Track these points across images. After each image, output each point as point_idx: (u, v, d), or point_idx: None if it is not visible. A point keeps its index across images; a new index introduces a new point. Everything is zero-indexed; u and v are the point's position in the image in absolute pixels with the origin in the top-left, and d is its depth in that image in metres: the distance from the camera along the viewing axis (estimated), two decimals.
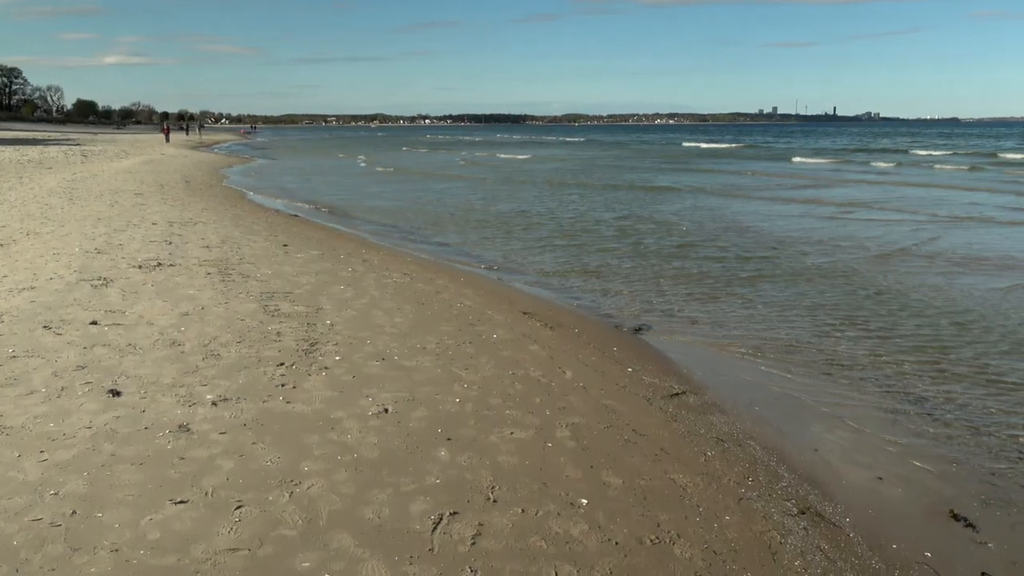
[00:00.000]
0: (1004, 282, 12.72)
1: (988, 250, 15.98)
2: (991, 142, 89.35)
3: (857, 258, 15.05)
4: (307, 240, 15.58)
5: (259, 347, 7.76)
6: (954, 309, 10.88)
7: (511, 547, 4.47)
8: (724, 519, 5.10)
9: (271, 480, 5.08)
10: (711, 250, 16.04)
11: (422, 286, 11.43)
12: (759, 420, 7.09)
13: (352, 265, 12.74)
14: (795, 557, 4.75)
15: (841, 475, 6.05)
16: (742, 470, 5.95)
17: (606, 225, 20.05)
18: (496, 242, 17.38)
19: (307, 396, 6.55)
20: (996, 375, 8.15)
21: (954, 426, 6.92)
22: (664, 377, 8.08)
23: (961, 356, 8.78)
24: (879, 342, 9.36)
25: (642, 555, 4.54)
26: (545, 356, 8.24)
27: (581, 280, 13.13)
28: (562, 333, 9.45)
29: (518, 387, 7.15)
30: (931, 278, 13.04)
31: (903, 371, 8.32)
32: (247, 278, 10.96)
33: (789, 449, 6.49)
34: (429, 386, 6.98)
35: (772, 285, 12.54)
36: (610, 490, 5.29)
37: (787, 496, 5.61)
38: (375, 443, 5.72)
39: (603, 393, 7.27)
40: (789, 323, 10.25)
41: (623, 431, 6.36)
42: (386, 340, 8.31)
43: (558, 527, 4.73)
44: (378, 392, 6.75)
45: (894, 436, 6.74)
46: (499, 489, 5.14)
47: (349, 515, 4.70)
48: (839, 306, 11.10)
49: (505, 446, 5.82)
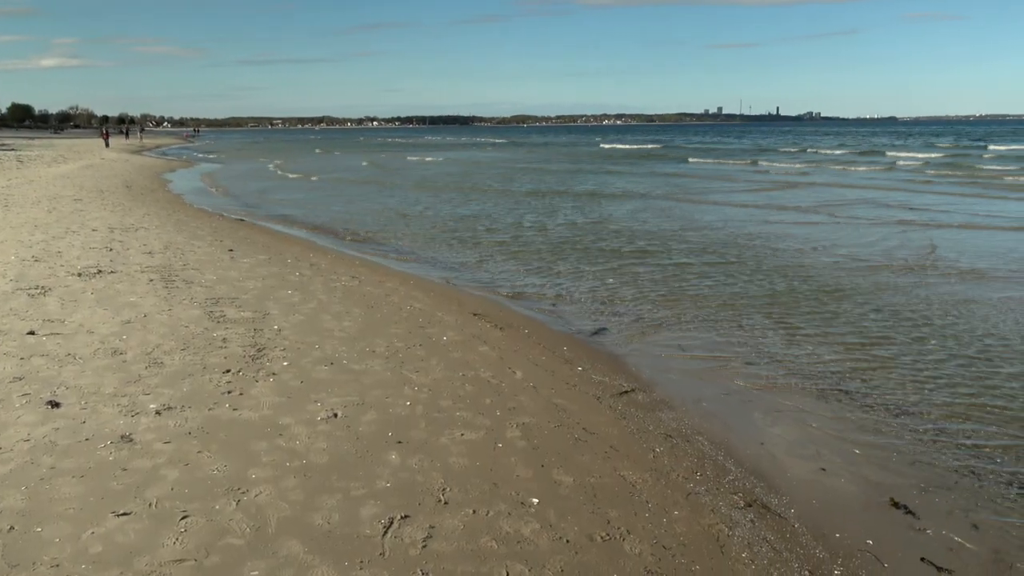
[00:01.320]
0: (912, 278, 13.13)
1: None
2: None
3: (785, 254, 15.39)
4: (253, 244, 15.36)
5: (204, 354, 7.62)
6: (891, 305, 11.19)
7: (462, 548, 4.47)
8: (673, 514, 5.17)
9: (217, 489, 4.99)
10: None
11: (371, 289, 11.36)
12: (707, 416, 7.20)
13: (300, 269, 12.60)
14: (742, 549, 4.84)
15: (786, 467, 6.18)
16: (690, 465, 6.04)
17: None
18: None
19: (254, 403, 6.46)
20: (934, 367, 8.40)
21: (894, 417, 7.11)
22: (613, 375, 8.15)
23: (900, 349, 9.03)
24: (821, 338, 9.57)
25: (593, 552, 4.58)
26: (495, 357, 8.25)
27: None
28: (512, 334, 9.48)
29: (468, 388, 7.15)
30: (861, 276, 13.39)
31: (844, 366, 8.52)
32: (191, 284, 10.76)
33: (736, 443, 6.61)
34: (379, 389, 6.94)
35: (714, 282, 12.75)
36: (561, 488, 5.32)
37: (734, 489, 5.71)
38: (324, 448, 5.66)
39: (553, 392, 7.31)
40: (733, 321, 10.42)
41: (573, 430, 6.40)
42: (335, 344, 8.23)
43: (509, 527, 4.74)
44: (327, 397, 6.69)
45: (837, 428, 6.90)
46: (450, 491, 5.14)
47: (298, 522, 4.65)
48: (768, 300, 11.34)
49: (456, 447, 5.82)
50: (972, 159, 51.42)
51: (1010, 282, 12.70)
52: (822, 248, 16.23)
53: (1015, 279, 12.95)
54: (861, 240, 17.37)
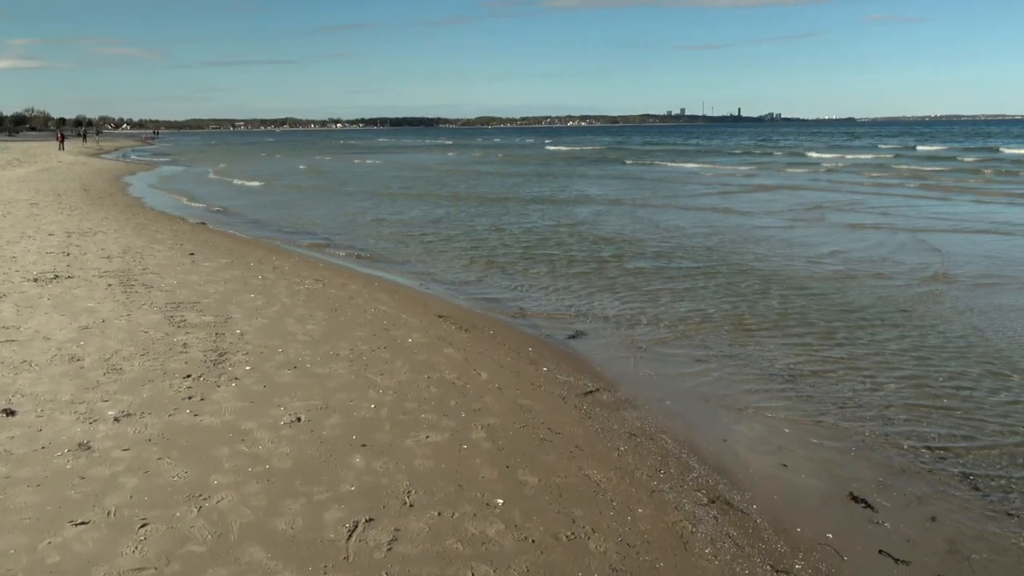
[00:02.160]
0: (867, 277, 13.39)
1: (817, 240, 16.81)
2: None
3: (735, 252, 15.60)
4: (215, 248, 15.17)
5: (164, 359, 7.52)
6: (848, 303, 11.39)
7: (427, 551, 4.46)
8: (637, 512, 5.21)
9: (178, 496, 4.93)
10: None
11: (335, 292, 11.28)
12: (670, 414, 7.26)
13: (263, 272, 12.47)
14: (705, 545, 4.89)
15: (748, 464, 6.26)
16: (654, 463, 6.09)
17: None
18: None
19: (216, 408, 6.38)
20: (893, 365, 8.56)
21: (854, 413, 7.23)
22: (578, 375, 8.19)
23: (859, 347, 9.18)
24: (781, 337, 9.70)
25: (558, 551, 4.59)
26: (460, 358, 8.24)
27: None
28: (477, 335, 9.47)
29: (433, 390, 7.14)
30: (815, 274, 13.62)
31: (805, 364, 8.65)
32: (151, 288, 10.60)
33: (699, 441, 6.67)
34: (343, 393, 6.90)
35: (672, 283, 12.87)
36: (526, 489, 5.33)
37: (697, 486, 5.76)
38: (288, 453, 5.61)
39: (518, 393, 7.32)
40: (695, 321, 10.53)
41: (538, 430, 6.42)
42: (298, 348, 8.16)
43: (474, 528, 4.74)
44: (290, 401, 6.63)
45: (798, 425, 7.00)
46: (415, 493, 5.12)
47: (261, 527, 4.61)
48: (727, 298, 11.48)
49: (421, 450, 5.80)
50: (903, 160, 52.14)
51: (964, 286, 12.99)
52: (767, 246, 16.46)
53: (968, 282, 13.25)
54: (806, 240, 17.65)
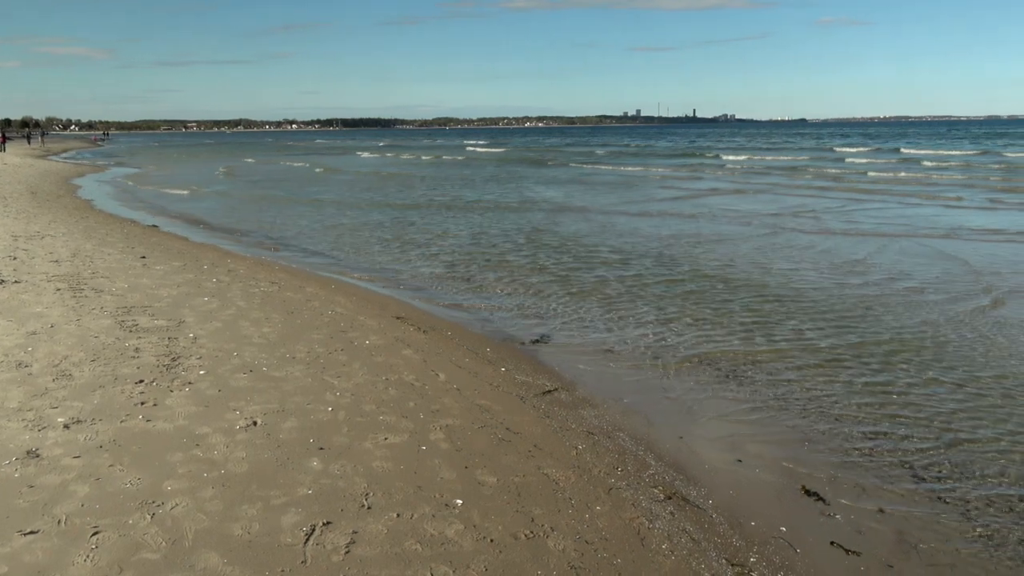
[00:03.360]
0: (815, 272, 13.68)
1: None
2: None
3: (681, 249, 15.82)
4: (167, 251, 14.91)
5: (115, 364, 7.37)
6: (802, 300, 11.62)
7: (386, 552, 4.45)
8: (595, 509, 5.25)
9: (131, 503, 4.84)
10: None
11: (291, 294, 11.17)
12: (628, 412, 7.33)
13: (217, 275, 12.30)
14: (662, 541, 4.95)
15: (704, 460, 6.35)
16: (612, 461, 6.15)
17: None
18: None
19: (169, 413, 6.28)
20: (845, 362, 8.75)
21: (807, 409, 7.37)
22: (536, 375, 8.22)
23: (814, 344, 9.37)
24: (739, 336, 9.85)
25: (517, 550, 4.62)
26: (419, 360, 8.23)
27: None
28: (435, 336, 9.46)
29: (392, 392, 7.11)
30: (761, 274, 13.87)
31: (759, 360, 8.79)
32: (101, 293, 10.39)
33: (656, 438, 6.75)
34: (300, 396, 6.84)
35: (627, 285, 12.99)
36: (485, 489, 5.34)
37: (654, 483, 5.83)
38: (243, 457, 5.55)
39: (477, 394, 7.33)
40: (652, 320, 10.64)
41: (497, 430, 6.44)
42: (254, 351, 8.07)
43: (433, 529, 4.74)
44: (246, 405, 6.56)
45: (752, 421, 7.12)
46: (373, 495, 5.10)
47: (216, 533, 4.55)
48: (687, 296, 11.63)
49: (379, 452, 5.78)
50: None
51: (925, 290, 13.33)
52: (707, 249, 16.72)
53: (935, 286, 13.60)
54: (746, 241, 17.97)
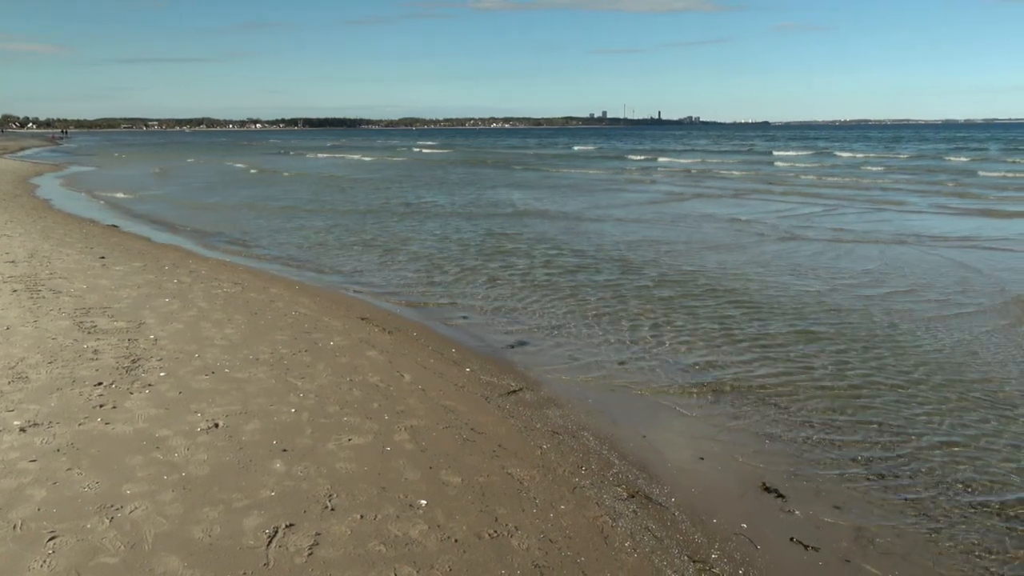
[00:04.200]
0: (769, 273, 13.90)
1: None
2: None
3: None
4: (128, 251, 14.68)
5: (73, 367, 7.25)
6: (756, 302, 11.78)
7: (350, 554, 4.44)
8: (559, 508, 5.28)
9: (89, 507, 4.77)
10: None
11: (255, 295, 11.06)
12: (592, 412, 7.38)
13: (178, 276, 12.14)
14: (625, 538, 5.00)
15: (667, 458, 6.41)
16: (576, 460, 6.19)
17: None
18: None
19: (129, 416, 6.19)
20: (801, 361, 8.89)
21: (766, 407, 7.48)
22: (502, 375, 8.24)
23: (770, 344, 9.51)
24: (700, 337, 9.96)
25: (481, 550, 4.63)
26: (384, 361, 8.20)
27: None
28: (401, 337, 9.44)
29: (356, 393, 7.08)
30: (724, 273, 14.04)
31: (720, 361, 8.90)
32: (59, 294, 10.20)
33: (620, 437, 6.80)
34: (263, 397, 6.78)
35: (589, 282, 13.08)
36: (449, 489, 5.35)
37: (618, 482, 5.88)
38: (205, 460, 5.49)
39: (442, 394, 7.33)
40: (616, 322, 10.72)
41: (462, 430, 6.44)
42: (216, 353, 7.98)
43: (397, 530, 4.74)
44: (208, 407, 6.48)
45: (714, 419, 7.21)
46: (337, 497, 5.08)
47: (176, 536, 4.50)
48: (639, 295, 11.74)
49: (343, 453, 5.76)
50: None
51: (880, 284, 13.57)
52: (656, 246, 16.90)
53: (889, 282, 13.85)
54: (689, 237, 18.18)
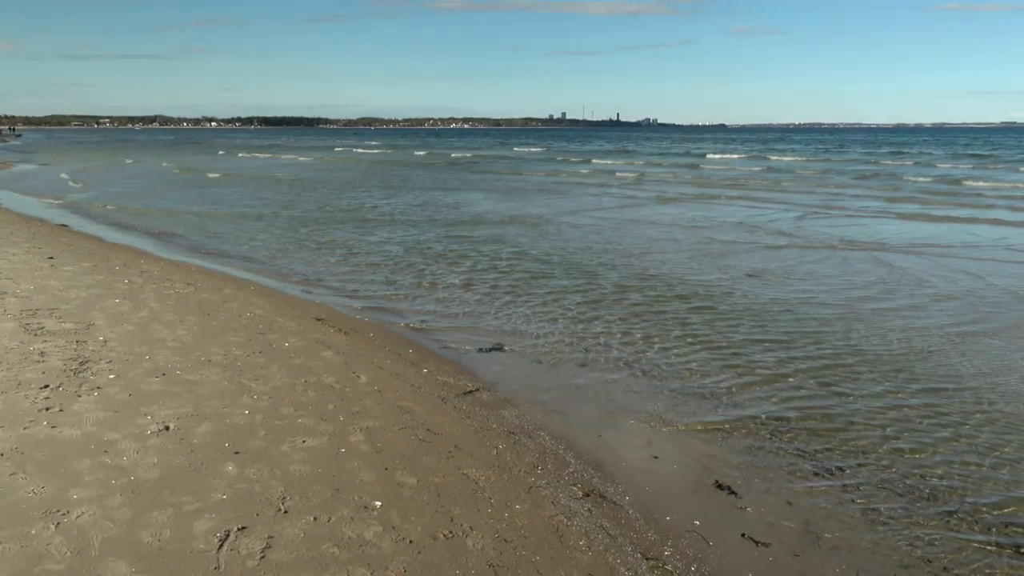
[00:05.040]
0: (729, 276, 14.13)
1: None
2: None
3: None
4: (77, 251, 14.36)
5: (19, 369, 7.07)
6: (712, 299, 11.94)
7: (303, 556, 4.40)
8: (515, 508, 5.30)
9: (34, 512, 4.66)
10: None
11: (208, 296, 10.90)
12: (548, 412, 7.42)
13: (129, 276, 11.91)
14: (580, 537, 5.03)
15: (622, 457, 6.47)
16: (532, 460, 6.21)
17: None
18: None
19: (76, 419, 6.06)
20: (754, 360, 9.03)
21: (720, 405, 7.59)
22: (458, 376, 8.24)
23: (727, 339, 9.64)
24: (657, 336, 10.06)
25: (436, 551, 4.62)
26: (339, 362, 8.14)
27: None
28: (357, 338, 9.38)
29: (311, 394, 7.02)
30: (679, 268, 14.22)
31: (675, 359, 9.00)
32: (4, 295, 9.94)
33: (575, 437, 6.85)
34: (215, 399, 6.69)
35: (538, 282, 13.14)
36: (404, 490, 5.33)
37: (573, 481, 5.92)
38: (155, 463, 5.40)
39: (398, 395, 7.30)
40: (572, 320, 10.78)
41: (418, 431, 6.43)
42: (167, 354, 7.85)
43: (351, 531, 4.71)
44: (158, 409, 6.38)
45: (668, 418, 7.29)
46: (290, 499, 5.04)
47: (124, 541, 4.42)
48: (588, 294, 11.84)
49: (297, 455, 5.71)
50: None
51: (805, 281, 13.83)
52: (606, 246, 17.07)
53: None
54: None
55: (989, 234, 19.64)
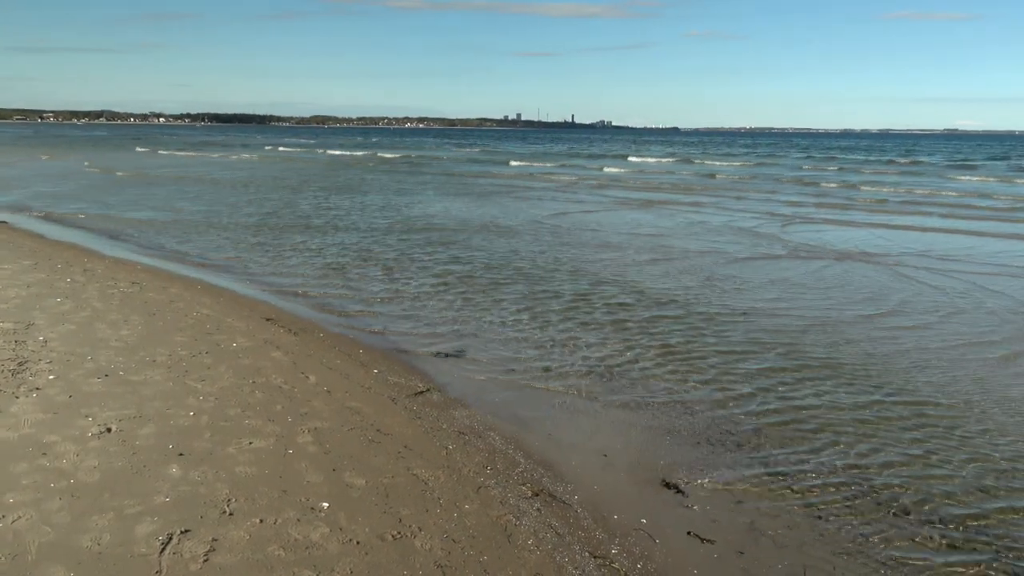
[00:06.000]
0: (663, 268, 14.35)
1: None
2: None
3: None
4: (17, 249, 13.97)
5: None
6: (662, 299, 12.09)
7: (248, 559, 4.35)
8: (464, 508, 5.30)
9: None
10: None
11: (154, 295, 10.69)
12: (499, 412, 7.43)
13: (72, 275, 11.62)
14: (528, 536, 5.05)
15: (571, 456, 6.51)
16: (482, 460, 6.22)
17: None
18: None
19: (13, 421, 5.90)
20: (703, 360, 9.16)
21: (669, 406, 7.68)
22: (409, 376, 8.21)
23: (673, 342, 9.76)
24: (608, 337, 10.15)
25: (384, 551, 4.60)
26: (288, 362, 8.05)
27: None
28: (306, 338, 9.28)
29: (258, 395, 6.94)
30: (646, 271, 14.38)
31: (625, 360, 9.09)
32: None
33: (526, 436, 6.87)
34: (159, 401, 6.57)
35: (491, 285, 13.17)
36: (353, 491, 5.30)
37: (523, 480, 5.94)
38: (95, 466, 5.28)
39: (347, 396, 7.25)
40: (523, 320, 10.81)
41: (367, 432, 6.39)
42: (110, 355, 7.68)
43: (298, 533, 4.67)
44: (100, 411, 6.24)
45: (618, 417, 7.36)
46: (236, 501, 4.97)
47: (63, 546, 4.32)
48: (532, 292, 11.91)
49: (243, 456, 5.63)
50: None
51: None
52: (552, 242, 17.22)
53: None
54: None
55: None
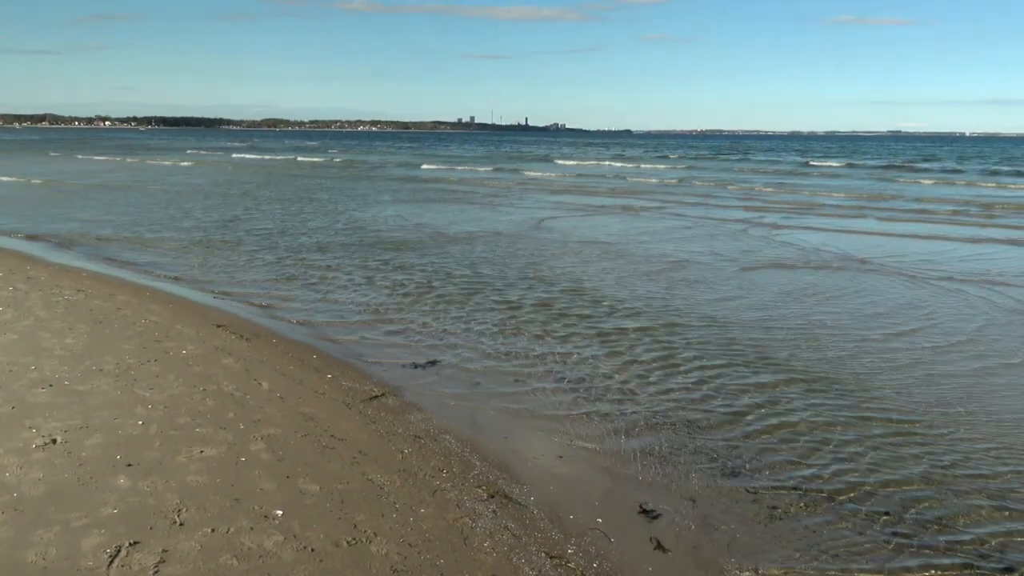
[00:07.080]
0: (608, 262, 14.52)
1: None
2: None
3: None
4: None
5: None
6: (609, 297, 12.20)
7: (199, 569, 4.28)
8: (420, 512, 5.28)
9: None
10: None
11: (100, 303, 10.46)
12: (454, 415, 7.42)
13: (13, 283, 11.31)
14: (485, 539, 5.06)
15: (527, 458, 6.53)
16: (437, 463, 6.21)
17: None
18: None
19: None
20: (657, 356, 9.27)
21: (623, 404, 7.75)
22: (363, 381, 8.15)
23: (627, 340, 9.86)
24: (570, 338, 10.20)
25: (339, 558, 4.57)
26: (240, 369, 7.94)
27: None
28: (259, 344, 9.16)
29: (209, 403, 6.83)
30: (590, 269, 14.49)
31: (580, 359, 9.15)
32: None
33: (481, 439, 6.87)
34: (106, 410, 6.43)
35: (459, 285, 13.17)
36: (307, 498, 5.25)
37: (479, 483, 5.94)
38: (40, 478, 5.15)
39: (301, 401, 7.17)
40: (480, 323, 10.82)
41: (321, 438, 6.33)
42: (55, 364, 7.50)
43: (251, 542, 4.61)
44: (44, 422, 6.08)
45: (574, 417, 7.40)
46: (186, 511, 4.89)
47: (6, 561, 4.20)
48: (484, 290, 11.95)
49: (194, 465, 5.54)
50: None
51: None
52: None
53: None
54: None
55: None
